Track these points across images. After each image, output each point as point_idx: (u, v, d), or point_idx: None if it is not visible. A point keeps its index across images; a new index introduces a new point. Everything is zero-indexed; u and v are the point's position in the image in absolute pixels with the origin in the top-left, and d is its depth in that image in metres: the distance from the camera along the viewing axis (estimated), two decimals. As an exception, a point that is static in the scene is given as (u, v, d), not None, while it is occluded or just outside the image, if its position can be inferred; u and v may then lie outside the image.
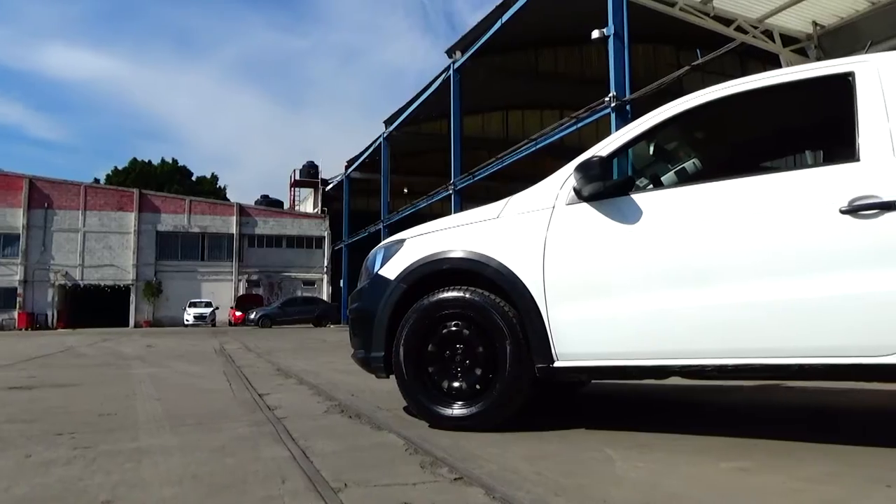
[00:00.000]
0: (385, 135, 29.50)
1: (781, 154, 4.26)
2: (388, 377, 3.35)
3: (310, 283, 43.95)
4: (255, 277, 42.91)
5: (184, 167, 61.25)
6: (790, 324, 2.55)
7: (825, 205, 2.52)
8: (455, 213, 9.49)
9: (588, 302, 2.88)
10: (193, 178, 60.98)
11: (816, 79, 2.92)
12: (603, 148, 3.08)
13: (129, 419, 3.58)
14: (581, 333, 2.89)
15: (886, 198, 2.42)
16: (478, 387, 3.05)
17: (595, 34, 11.43)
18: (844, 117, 2.69)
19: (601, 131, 10.91)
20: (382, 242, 3.81)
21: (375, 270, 3.49)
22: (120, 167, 57.28)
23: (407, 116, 26.21)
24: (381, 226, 31.01)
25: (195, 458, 2.60)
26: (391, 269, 3.38)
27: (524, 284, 2.99)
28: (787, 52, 7.27)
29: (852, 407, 3.89)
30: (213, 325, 35.26)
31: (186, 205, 42.59)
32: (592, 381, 4.39)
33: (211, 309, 36.87)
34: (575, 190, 3.01)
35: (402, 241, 3.48)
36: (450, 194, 21.49)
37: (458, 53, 19.92)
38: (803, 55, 7.30)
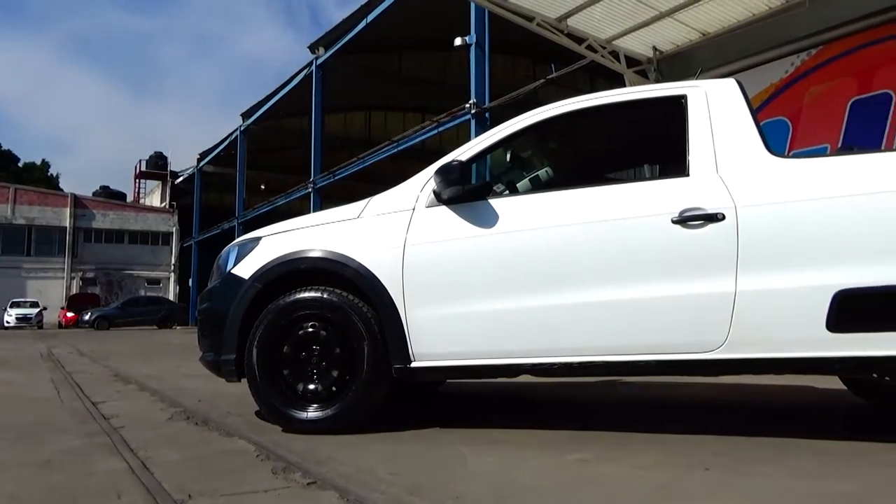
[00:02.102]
0: (242, 128, 28.28)
1: (624, 166, 4.60)
2: (239, 381, 3.20)
3: (155, 281, 41.05)
4: (91, 275, 39.37)
5: (8, 151, 55.00)
6: (629, 324, 2.76)
7: (660, 215, 2.76)
8: (314, 211, 9.29)
9: (445, 303, 2.94)
10: (20, 165, 54.91)
11: (655, 99, 3.20)
12: (463, 153, 3.16)
13: (-70, 434, 3.14)
14: (438, 334, 2.94)
15: (710, 210, 2.70)
16: (334, 389, 3.00)
17: (458, 41, 11.72)
18: (678, 135, 2.96)
19: (461, 136, 11.20)
20: (236, 240, 3.64)
21: (228, 269, 3.33)
22: (-73, 148, 50.37)
23: (266, 111, 25.32)
24: (235, 223, 29.66)
25: (14, 475, 2.33)
26: (245, 268, 3.24)
27: (383, 285, 2.99)
28: (631, 72, 7.87)
29: (680, 399, 4.28)
30: (40, 327, 31.82)
31: (10, 193, 38.20)
32: (448, 381, 4.48)
33: (37, 309, 33.18)
34: (435, 193, 3.06)
35: (258, 238, 3.35)
36: (309, 192, 21.04)
37: (322, 50, 19.57)
38: (644, 76, 7.94)
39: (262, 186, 32.15)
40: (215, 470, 2.39)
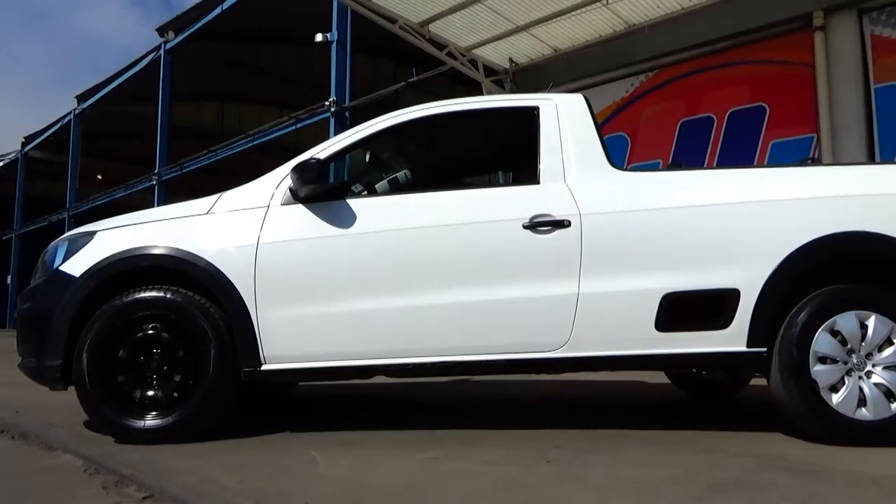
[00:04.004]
0: (77, 111, 25.80)
1: (480, 172, 4.75)
2: (65, 388, 2.91)
3: (-35, 278, 36.32)
4: None
5: None
6: (481, 325, 2.85)
7: (511, 220, 2.88)
8: (158, 206, 8.69)
9: (299, 304, 2.87)
10: None
11: (510, 109, 3.34)
12: (321, 151, 3.10)
13: None
14: (291, 336, 2.87)
15: (558, 216, 2.86)
16: (176, 395, 2.82)
17: (319, 38, 11.50)
18: (530, 145, 3.11)
19: (320, 134, 11.00)
20: (67, 234, 3.31)
21: (56, 266, 3.03)
22: None
23: (107, 94, 23.27)
24: (65, 215, 26.99)
25: None
26: (76, 265, 2.96)
27: (233, 285, 2.86)
28: (488, 81, 8.15)
29: (526, 396, 4.48)
30: None
31: None
32: (300, 383, 4.38)
33: None
34: (291, 190, 2.98)
35: (93, 233, 3.08)
36: (153, 185, 19.65)
37: (172, 34, 18.35)
38: (501, 86, 8.25)
39: (99, 176, 29.51)
40: (35, 489, 2.15)
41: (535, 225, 2.86)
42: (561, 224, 2.85)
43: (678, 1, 6.69)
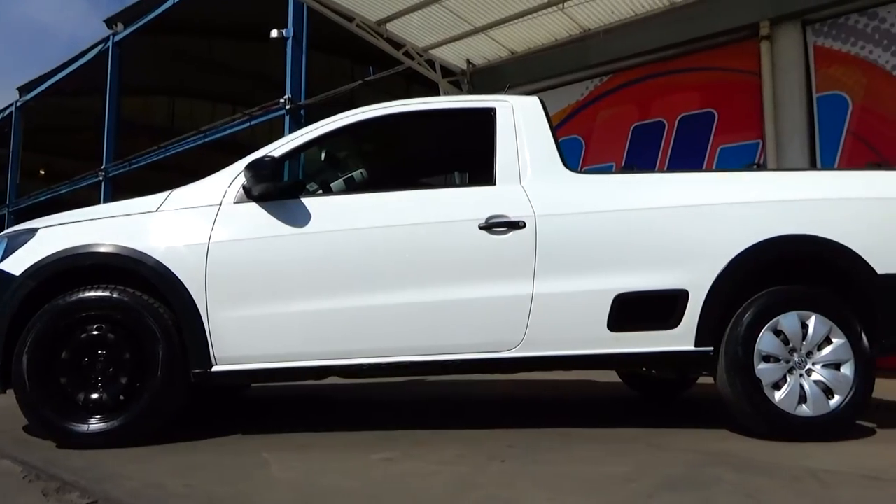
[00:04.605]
0: (19, 104, 24.82)
1: (436, 172, 4.75)
2: (4, 392, 2.80)
3: None
4: None
5: None
6: (436, 325, 2.85)
7: (468, 220, 2.89)
8: (105, 202, 8.43)
9: (252, 304, 2.82)
10: None
11: (467, 110, 3.35)
12: (276, 149, 3.06)
13: None
14: (243, 336, 2.82)
15: (513, 217, 2.88)
16: (122, 397, 2.73)
17: (274, 33, 11.33)
18: (487, 146, 3.12)
19: (275, 132, 10.83)
20: (6, 231, 3.19)
21: (-7, 264, 2.90)
22: None
23: (51, 86, 22.46)
24: (5, 211, 25.93)
25: None
26: (16, 263, 2.84)
27: (183, 284, 2.80)
28: (445, 82, 8.15)
29: (481, 396, 4.50)
30: None
31: None
32: (252, 385, 4.31)
33: None
34: (244, 188, 2.93)
35: (34, 230, 2.96)
36: (100, 181, 19.04)
37: (120, 25, 17.81)
38: (458, 87, 8.27)
39: (42, 172, 28.44)
40: (-32, 496, 2.06)
41: (491, 226, 2.88)
42: (516, 225, 2.88)
43: (632, 7, 6.81)
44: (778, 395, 2.77)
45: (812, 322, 2.82)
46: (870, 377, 2.82)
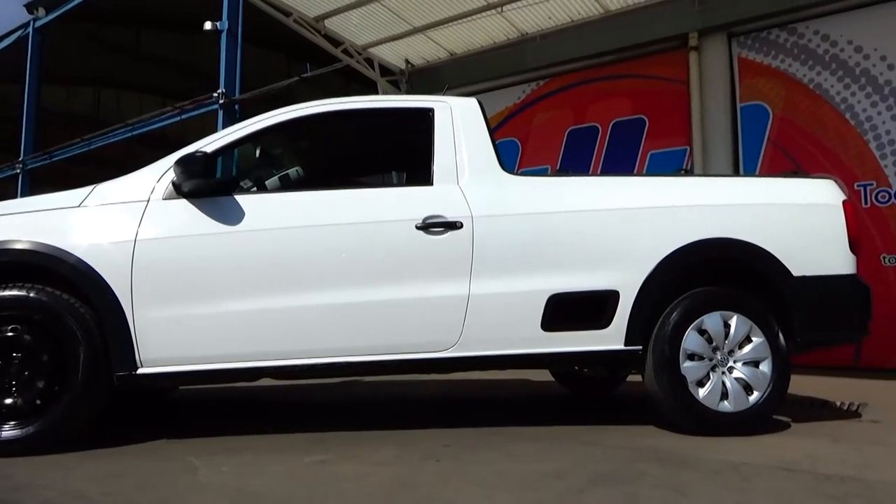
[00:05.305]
0: (-73, 90, 23.25)
1: (374, 171, 4.73)
2: None
3: None
4: None
5: None
6: (372, 325, 2.84)
7: (405, 220, 2.88)
8: (23, 196, 7.99)
9: (180, 304, 2.73)
10: None
11: (405, 109, 3.34)
12: (208, 144, 2.97)
13: None
14: (171, 337, 2.72)
15: (450, 218, 2.89)
16: (39, 402, 2.60)
17: (207, 25, 11.00)
18: (424, 146, 3.13)
19: (207, 127, 10.51)
20: None
21: None
22: None
23: (-38, 72, 21.14)
24: (-88, 204, 24.24)
25: None
26: (-78, 260, 2.66)
27: (108, 284, 2.68)
28: (384, 81, 8.11)
29: (416, 396, 4.50)
30: None
31: None
32: (180, 387, 4.17)
33: None
34: (175, 184, 2.84)
35: (-58, 225, 2.78)
36: (17, 174, 18.04)
37: (42, 11, 16.94)
38: (397, 87, 8.24)
39: (-47, 162, 26.71)
40: None
41: (428, 226, 2.88)
42: (453, 226, 2.89)
43: (568, 14, 6.96)
44: (702, 392, 2.88)
45: (734, 322, 2.95)
46: (786, 374, 2.97)
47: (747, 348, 2.95)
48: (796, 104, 5.90)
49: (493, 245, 2.91)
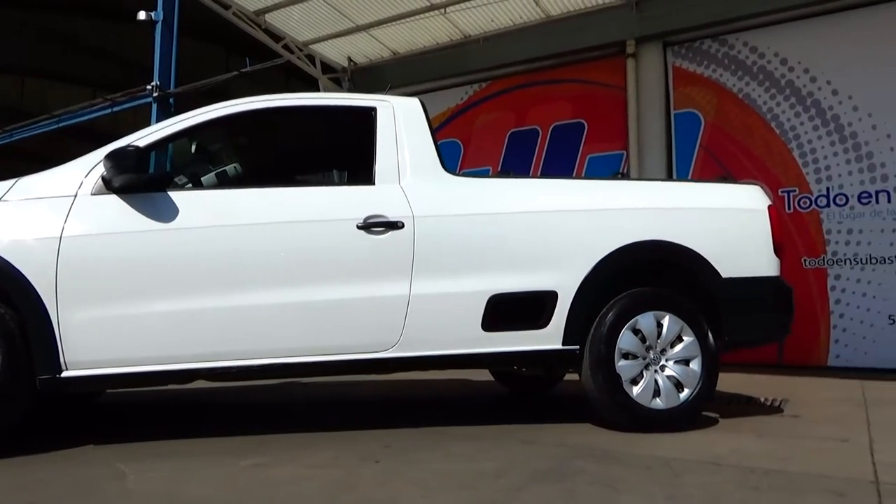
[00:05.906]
0: None
1: (315, 170, 4.66)
2: None
3: None
4: None
5: None
6: (311, 326, 2.80)
7: (346, 220, 2.86)
8: (-62, 189, 7.50)
9: (109, 304, 2.63)
10: None
11: (347, 108, 3.31)
12: (141, 138, 2.87)
13: None
14: (99, 339, 2.61)
15: (392, 218, 2.88)
16: (-47, 407, 2.45)
17: (142, 15, 10.61)
18: (366, 145, 3.11)
19: (140, 120, 10.14)
20: None
21: None
22: None
23: None
24: None
25: None
26: None
27: (30, 282, 2.56)
28: (326, 78, 8.02)
29: (355, 397, 4.47)
30: None
31: None
32: (109, 391, 4.01)
33: None
34: (104, 179, 2.73)
35: None
36: (-68, 166, 16.99)
37: (-40, -7, 15.99)
38: (338, 84, 8.16)
39: None
40: None
41: (370, 225, 2.86)
42: (394, 225, 2.88)
43: (510, 17, 7.04)
44: (636, 390, 2.96)
45: (666, 321, 3.04)
46: (714, 372, 3.09)
47: (678, 347, 3.05)
48: (726, 112, 6.15)
49: (433, 245, 2.92)
